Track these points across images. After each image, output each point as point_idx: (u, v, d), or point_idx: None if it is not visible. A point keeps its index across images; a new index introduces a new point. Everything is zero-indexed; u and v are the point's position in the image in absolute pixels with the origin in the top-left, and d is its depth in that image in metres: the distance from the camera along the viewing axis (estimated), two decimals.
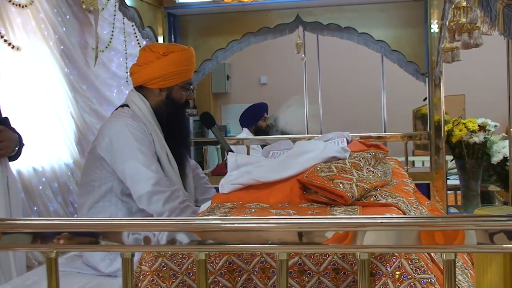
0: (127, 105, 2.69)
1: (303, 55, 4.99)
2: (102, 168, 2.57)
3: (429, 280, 1.30)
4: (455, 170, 3.99)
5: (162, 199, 2.44)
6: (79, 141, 4.38)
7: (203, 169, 3.97)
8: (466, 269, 1.73)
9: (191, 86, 2.80)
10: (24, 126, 3.65)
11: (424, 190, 3.57)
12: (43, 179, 3.96)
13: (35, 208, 3.85)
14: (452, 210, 4.02)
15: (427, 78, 3.79)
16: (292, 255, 1.38)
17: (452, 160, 3.91)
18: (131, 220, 1.26)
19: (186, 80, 2.71)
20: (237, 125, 8.40)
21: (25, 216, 3.48)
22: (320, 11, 3.83)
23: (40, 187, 3.92)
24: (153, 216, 2.42)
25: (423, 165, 6.26)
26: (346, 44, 4.18)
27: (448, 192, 4.11)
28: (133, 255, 1.10)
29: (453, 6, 2.25)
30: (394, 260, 1.34)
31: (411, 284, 1.30)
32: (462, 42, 2.18)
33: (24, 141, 2.66)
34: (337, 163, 1.94)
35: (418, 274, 1.31)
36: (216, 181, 2.03)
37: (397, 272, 1.33)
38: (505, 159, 3.52)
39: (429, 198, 3.51)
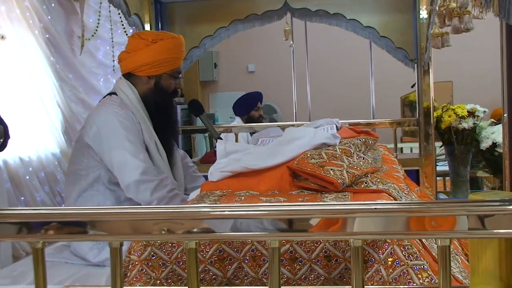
0: (115, 93, 2.66)
1: (291, 42, 4.94)
2: (90, 157, 2.53)
3: (422, 267, 1.29)
4: (444, 157, 3.99)
5: (150, 188, 2.42)
6: (66, 130, 4.34)
7: (191, 157, 3.95)
8: (457, 254, 1.72)
9: (180, 75, 2.77)
10: (9, 115, 3.60)
11: (414, 176, 3.58)
12: (30, 168, 3.92)
13: (22, 198, 3.81)
14: (442, 196, 4.03)
15: (416, 65, 3.77)
16: (284, 242, 1.37)
17: (441, 147, 3.91)
18: (119, 209, 1.23)
19: (175, 68, 2.69)
20: (225, 113, 8.39)
21: (12, 207, 3.45)
22: None
23: (27, 177, 3.87)
24: (141, 205, 2.40)
25: (411, 151, 6.30)
26: (335, 30, 4.16)
27: (437, 178, 4.13)
28: (121, 245, 1.07)
29: None
30: (386, 246, 1.33)
31: (404, 270, 1.29)
32: (453, 27, 2.16)
33: (10, 132, 2.61)
34: (328, 149, 1.92)
35: (411, 260, 1.30)
36: (204, 169, 2.01)
37: (390, 259, 1.31)
38: (494, 145, 3.52)
39: (418, 184, 3.52)
